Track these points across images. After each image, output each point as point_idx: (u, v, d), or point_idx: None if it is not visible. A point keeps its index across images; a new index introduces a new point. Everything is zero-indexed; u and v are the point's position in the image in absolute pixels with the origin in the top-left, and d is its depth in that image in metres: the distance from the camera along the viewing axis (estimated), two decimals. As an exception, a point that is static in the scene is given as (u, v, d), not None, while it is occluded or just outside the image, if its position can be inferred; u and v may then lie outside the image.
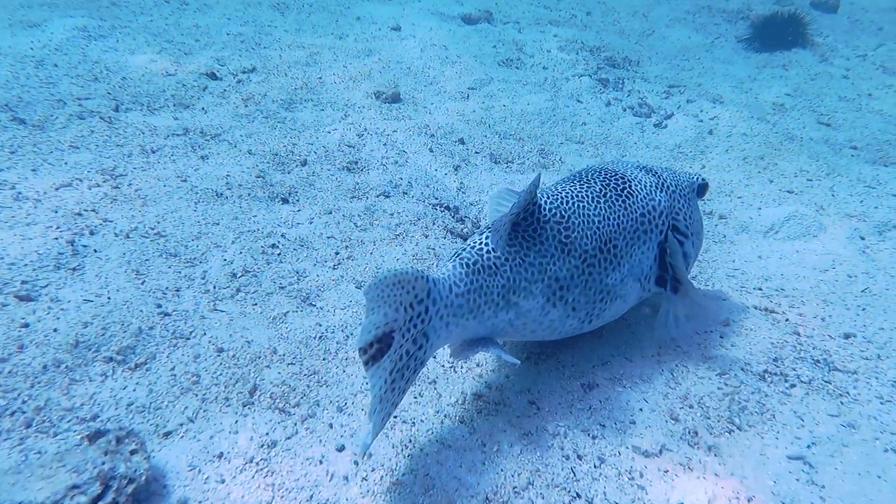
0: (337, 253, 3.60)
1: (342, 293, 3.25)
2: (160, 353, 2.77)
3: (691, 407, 2.55)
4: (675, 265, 2.79)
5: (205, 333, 2.90)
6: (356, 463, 2.29)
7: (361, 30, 8.97)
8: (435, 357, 2.86)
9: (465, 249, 2.40)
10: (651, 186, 2.86)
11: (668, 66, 8.48)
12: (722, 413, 2.51)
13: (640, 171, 2.95)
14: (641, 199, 2.79)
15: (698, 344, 2.93)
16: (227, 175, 4.28)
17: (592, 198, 2.67)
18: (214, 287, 3.20)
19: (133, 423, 2.43)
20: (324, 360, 2.81)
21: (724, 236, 4.24)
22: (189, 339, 2.87)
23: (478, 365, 2.82)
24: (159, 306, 3.02)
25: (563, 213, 2.57)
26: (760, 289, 3.51)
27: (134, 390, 2.58)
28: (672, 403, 2.58)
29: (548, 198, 2.59)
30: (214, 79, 6.13)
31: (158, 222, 3.65)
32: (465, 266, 2.32)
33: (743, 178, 5.12)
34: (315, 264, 3.46)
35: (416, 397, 2.61)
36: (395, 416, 2.50)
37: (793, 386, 2.66)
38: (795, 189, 4.90)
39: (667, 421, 2.50)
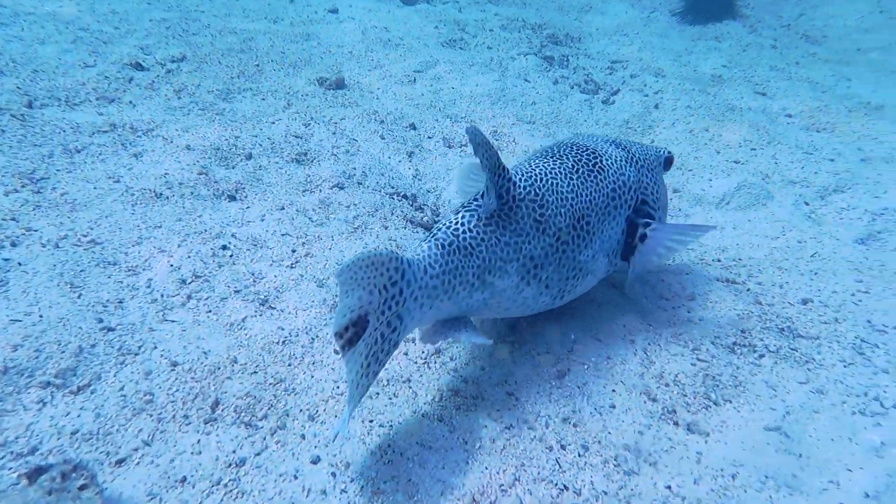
0: (294, 251, 3.43)
1: (303, 293, 3.09)
2: (106, 373, 2.55)
3: (667, 385, 2.54)
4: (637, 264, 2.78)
5: (155, 347, 2.70)
6: (333, 475, 2.17)
7: (296, 13, 8.63)
8: (406, 354, 2.75)
9: (439, 230, 2.35)
10: (621, 161, 2.86)
11: (608, 41, 8.51)
12: (697, 389, 2.52)
13: (610, 145, 2.95)
14: (612, 175, 2.78)
15: (668, 321, 2.93)
16: (166, 173, 4.01)
17: (565, 174, 2.64)
18: (162, 296, 2.99)
19: (80, 454, 2.23)
20: (289, 366, 2.66)
21: (680, 210, 4.28)
22: (138, 354, 2.66)
23: (451, 359, 2.73)
24: (101, 321, 2.79)
25: (538, 190, 2.54)
26: (719, 260, 3.55)
27: (78, 416, 2.36)
28: (648, 383, 2.57)
29: (522, 175, 2.54)
30: (140, 69, 5.75)
31: (92, 228, 3.38)
32: (440, 247, 2.28)
33: (692, 150, 5.18)
34: (271, 264, 3.28)
35: (391, 398, 2.51)
36: (372, 421, 2.39)
37: (762, 356, 2.69)
38: (741, 159, 5.00)
39: (645, 402, 2.48)
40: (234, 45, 6.96)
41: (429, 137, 5.19)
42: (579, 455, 2.24)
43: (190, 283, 3.07)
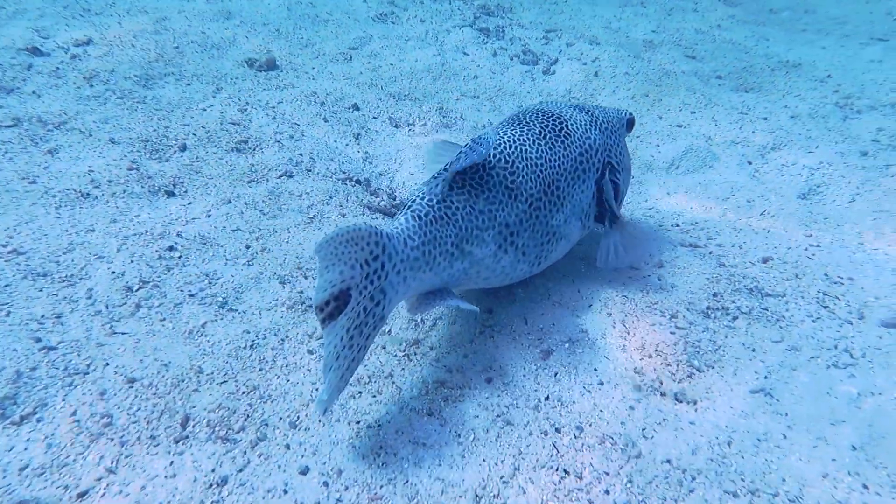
0: (248, 247, 3.21)
1: (265, 292, 2.90)
2: (52, 398, 2.31)
3: (650, 357, 2.54)
4: (609, 203, 2.89)
5: (107, 364, 2.46)
6: (326, 484, 2.05)
7: (211, -12, 8.09)
8: (384, 348, 2.63)
9: (414, 202, 2.36)
10: (586, 125, 2.90)
11: (539, 10, 8.46)
12: (679, 358, 2.53)
13: (574, 109, 2.99)
14: (578, 139, 2.83)
15: (641, 290, 2.93)
16: (90, 170, 3.67)
17: (533, 140, 2.68)
18: (107, 306, 2.73)
19: (34, 491, 2.00)
20: (261, 371, 2.48)
21: (633, 177, 4.31)
22: (88, 373, 2.42)
23: (432, 348, 2.64)
24: (38, 340, 2.52)
25: (508, 157, 2.57)
26: (678, 225, 3.59)
27: (25, 449, 2.12)
28: (631, 356, 2.56)
29: (480, 138, 2.54)
30: (39, 54, 5.23)
31: (10, 237, 3.04)
32: (417, 218, 2.30)
33: (636, 117, 5.23)
34: (226, 263, 3.06)
35: (374, 396, 2.39)
36: (359, 423, 2.27)
37: (735, 318, 2.73)
38: (683, 122, 5.08)
39: (631, 375, 2.47)
40: (147, 25, 6.45)
41: (374, 118, 4.99)
42: (575, 437, 2.20)
43: (137, 291, 2.81)
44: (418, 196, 2.39)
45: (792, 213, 3.58)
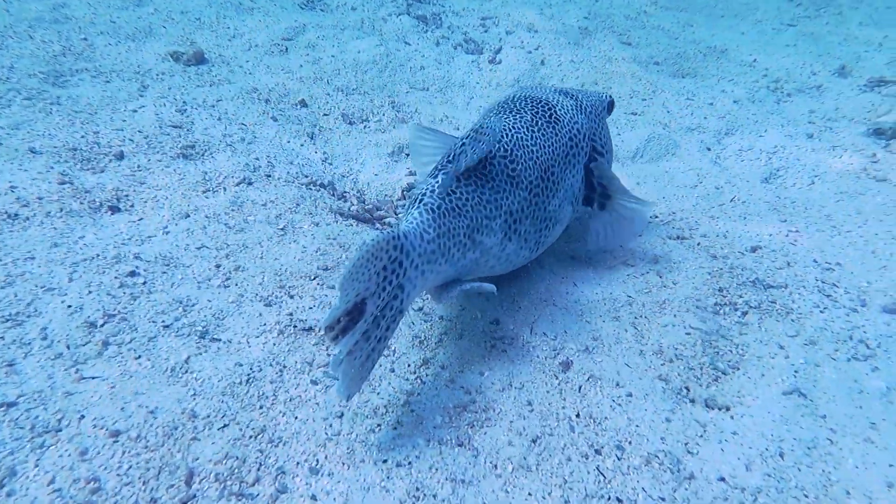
0: (218, 266, 2.89)
1: (249, 317, 2.62)
2: (22, 465, 1.96)
3: (671, 361, 2.49)
4: (607, 183, 3.00)
5: (82, 416, 2.13)
6: (367, 534, 1.85)
7: (113, -29, 7.37)
8: (394, 371, 2.44)
9: (424, 195, 2.37)
10: (573, 110, 2.99)
11: (470, -3, 8.32)
12: (701, 360, 2.48)
13: (560, 94, 3.06)
14: (567, 124, 2.91)
15: (644, 289, 2.89)
16: (12, 187, 3.19)
17: (528, 128, 2.75)
18: (69, 346, 2.36)
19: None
20: (263, 409, 2.23)
21: (599, 169, 4.29)
22: (61, 430, 2.08)
23: (443, 367, 2.47)
24: (-12, 394, 2.14)
25: (506, 146, 2.63)
26: (656, 216, 3.60)
27: (-1, 533, 1.79)
28: (652, 362, 2.50)
29: (482, 129, 2.62)
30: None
31: (-69, 272, 2.59)
32: (430, 212, 2.31)
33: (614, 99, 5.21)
34: (198, 286, 2.74)
35: (395, 428, 2.20)
36: (386, 461, 2.07)
37: (745, 314, 2.72)
38: (637, 110, 5.14)
39: (657, 383, 2.40)
40: (43, 13, 5.77)
41: (325, 115, 4.69)
42: (618, 458, 2.12)
43: (102, 326, 2.46)
44: (428, 189, 2.38)
45: (760, 198, 3.68)
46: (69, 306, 2.51)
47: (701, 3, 8.96)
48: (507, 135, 2.65)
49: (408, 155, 4.43)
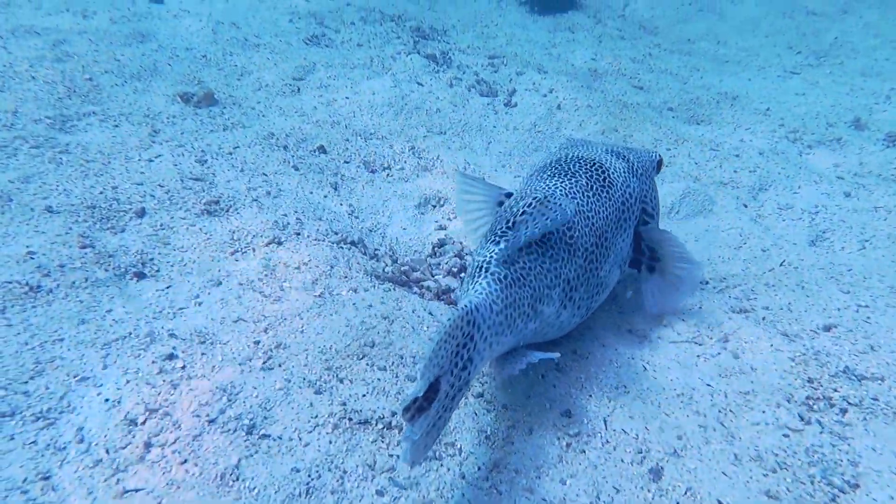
0: (257, 342, 2.67)
1: (298, 406, 2.39)
2: None
3: (774, 471, 2.22)
4: (657, 247, 2.98)
5: (127, 539, 1.88)
6: None
7: (109, 3, 7.19)
8: (469, 498, 2.23)
9: (490, 264, 2.35)
10: (625, 173, 2.97)
11: (474, 34, 8.29)
12: (811, 473, 2.22)
13: (612, 155, 3.03)
14: (620, 188, 2.89)
15: (721, 374, 2.67)
16: (30, 253, 2.94)
17: (583, 193, 2.73)
18: (108, 451, 2.11)
19: None
20: (331, 526, 2.00)
21: (634, 225, 4.17)
22: (104, 554, 1.83)
23: (517, 472, 2.27)
24: (16, 507, 1.89)
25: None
26: (707, 282, 3.47)
27: None
28: (752, 471, 2.23)
29: (547, 199, 2.59)
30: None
31: (-58, 353, 2.32)
32: (498, 282, 2.30)
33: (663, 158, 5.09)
34: (241, 369, 2.51)
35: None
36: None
37: (844, 411, 2.45)
38: (664, 161, 5.04)
39: (768, 502, 2.13)
40: (43, 51, 5.54)
41: (345, 162, 4.51)
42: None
43: (143, 424, 2.21)
44: (493, 258, 2.36)
45: (813, 263, 3.56)
46: (106, 399, 2.26)
47: (703, 48, 9.06)
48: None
49: (434, 206, 4.27)
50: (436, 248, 3.81)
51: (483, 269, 2.34)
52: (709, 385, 2.60)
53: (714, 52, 8.89)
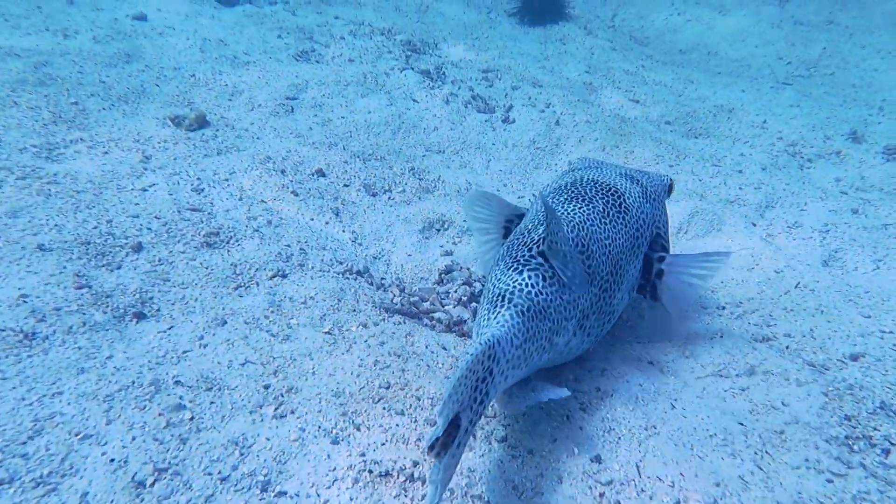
0: (267, 387, 2.54)
1: (315, 459, 2.27)
2: None
3: None
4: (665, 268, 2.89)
5: None
6: None
7: (90, 21, 7.00)
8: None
9: (514, 294, 2.28)
10: (639, 198, 2.93)
11: (465, 48, 8.19)
12: None
13: (626, 179, 2.99)
14: (634, 214, 2.85)
15: (751, 410, 2.55)
16: (23, 295, 2.78)
17: (600, 220, 2.69)
18: (114, 518, 1.97)
19: None
20: (360, 593, 1.88)
21: (643, 246, 4.10)
22: None
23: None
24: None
25: (583, 241, 2.58)
26: (723, 307, 3.40)
27: None
28: None
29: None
30: None
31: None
32: (521, 314, 2.23)
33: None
34: (251, 418, 2.37)
35: None
36: None
37: (887, 452, 2.35)
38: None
39: None
40: (25, 74, 5.35)
41: (345, 185, 4.40)
42: None
43: (152, 486, 2.07)
44: (517, 288, 2.30)
45: (828, 285, 3.50)
46: (112, 460, 2.11)
47: (695, 59, 9.08)
48: (582, 228, 2.61)
49: (438, 230, 4.17)
50: (443, 275, 3.70)
51: (506, 300, 2.27)
52: (741, 424, 2.50)
53: (706, 63, 8.91)
